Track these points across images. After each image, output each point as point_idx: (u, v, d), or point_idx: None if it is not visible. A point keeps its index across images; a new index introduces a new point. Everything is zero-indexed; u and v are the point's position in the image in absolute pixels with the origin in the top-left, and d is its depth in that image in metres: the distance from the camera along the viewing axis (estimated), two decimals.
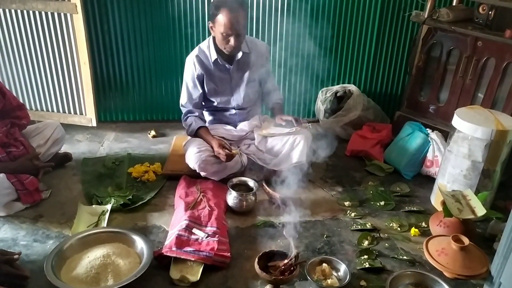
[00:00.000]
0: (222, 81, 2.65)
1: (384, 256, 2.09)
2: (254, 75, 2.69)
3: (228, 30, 2.39)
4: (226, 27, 2.39)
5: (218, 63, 2.60)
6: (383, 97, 3.47)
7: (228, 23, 2.37)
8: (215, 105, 2.75)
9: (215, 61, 2.59)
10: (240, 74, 2.66)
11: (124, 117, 3.39)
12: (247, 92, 2.70)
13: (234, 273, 1.95)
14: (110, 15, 3.02)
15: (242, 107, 2.73)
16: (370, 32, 3.25)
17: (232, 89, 2.69)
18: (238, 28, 2.40)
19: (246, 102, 2.72)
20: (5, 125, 2.41)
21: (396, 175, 2.81)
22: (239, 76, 2.67)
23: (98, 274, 1.80)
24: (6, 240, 2.10)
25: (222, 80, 2.65)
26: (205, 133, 2.62)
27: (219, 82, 2.66)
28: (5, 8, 2.84)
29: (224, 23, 2.38)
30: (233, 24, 2.38)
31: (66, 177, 2.64)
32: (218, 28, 2.42)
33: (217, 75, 2.63)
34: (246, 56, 2.62)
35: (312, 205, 2.46)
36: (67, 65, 3.03)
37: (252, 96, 2.73)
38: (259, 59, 2.67)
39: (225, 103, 2.73)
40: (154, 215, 2.33)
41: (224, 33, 2.41)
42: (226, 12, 2.36)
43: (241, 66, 2.64)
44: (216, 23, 2.42)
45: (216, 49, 2.56)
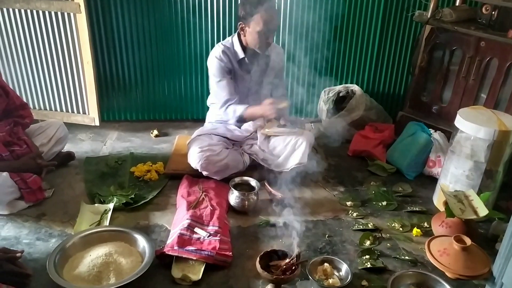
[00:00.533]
0: (242, 79, 2.68)
1: (386, 256, 2.08)
2: (271, 77, 2.74)
3: (270, 26, 2.45)
4: (268, 24, 2.43)
5: (244, 62, 2.63)
6: (385, 97, 3.47)
7: (268, 21, 2.43)
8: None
9: (241, 60, 2.61)
10: (259, 75, 2.70)
11: (127, 117, 3.40)
12: (263, 93, 2.73)
13: (235, 273, 1.95)
14: (113, 15, 3.03)
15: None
16: (373, 32, 3.24)
17: (249, 89, 2.71)
18: (276, 25, 2.51)
19: (257, 104, 2.72)
20: (9, 124, 2.42)
21: (398, 175, 2.80)
22: (259, 76, 2.70)
23: (100, 273, 1.80)
24: (9, 238, 2.10)
25: (242, 78, 2.68)
26: (253, 109, 2.60)
27: (239, 81, 2.68)
28: (9, 7, 2.85)
29: (265, 21, 2.42)
30: (273, 21, 2.45)
31: (69, 176, 2.65)
32: (255, 27, 2.45)
33: (238, 74, 2.66)
34: (267, 58, 2.66)
35: (314, 205, 2.46)
36: (71, 64, 3.03)
37: (263, 98, 2.73)
38: (277, 62, 2.72)
39: (241, 101, 2.72)
40: (156, 214, 2.34)
41: (262, 30, 2.44)
42: (266, 10, 2.41)
43: (262, 67, 2.67)
44: (253, 21, 2.44)
45: (243, 49, 2.59)
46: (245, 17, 2.47)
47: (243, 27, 2.50)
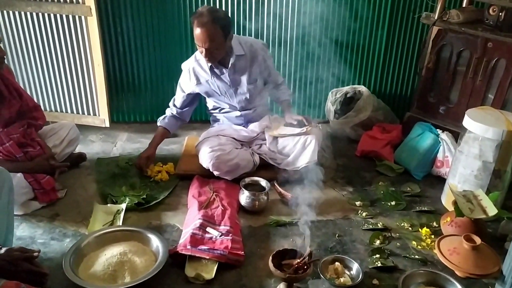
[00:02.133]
0: (221, 85, 2.69)
1: (396, 255, 2.11)
2: (254, 75, 2.71)
3: (198, 42, 2.43)
4: (196, 39, 2.42)
5: (214, 69, 2.63)
6: (393, 98, 3.49)
7: (196, 36, 2.41)
8: (220, 109, 2.81)
9: (210, 68, 2.62)
10: (238, 76, 2.68)
11: (136, 118, 3.44)
12: (248, 94, 2.72)
13: (248, 271, 1.98)
14: (123, 18, 3.07)
15: (246, 108, 2.76)
16: (380, 33, 3.26)
17: (232, 92, 2.72)
18: (205, 42, 2.39)
19: (249, 103, 2.75)
20: (22, 126, 2.45)
21: (406, 175, 2.82)
22: (238, 78, 2.68)
23: (115, 272, 1.83)
24: (24, 238, 2.14)
25: (222, 85, 2.69)
26: (157, 133, 2.84)
27: (219, 87, 2.69)
28: (21, 11, 2.89)
29: (195, 36, 2.41)
30: (200, 38, 2.39)
31: (81, 177, 2.68)
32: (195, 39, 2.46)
33: (215, 81, 2.67)
34: (242, 58, 2.64)
35: (324, 205, 2.48)
36: (81, 66, 3.08)
37: (254, 97, 2.75)
38: (255, 59, 2.68)
39: (228, 106, 2.77)
40: (168, 214, 2.37)
41: (197, 44, 2.44)
42: (195, 26, 2.39)
43: (238, 69, 2.66)
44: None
45: None
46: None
47: None
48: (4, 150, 2.30)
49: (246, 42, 2.68)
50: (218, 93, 2.72)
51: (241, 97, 2.73)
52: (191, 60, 2.69)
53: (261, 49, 2.71)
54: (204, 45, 2.40)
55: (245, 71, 2.67)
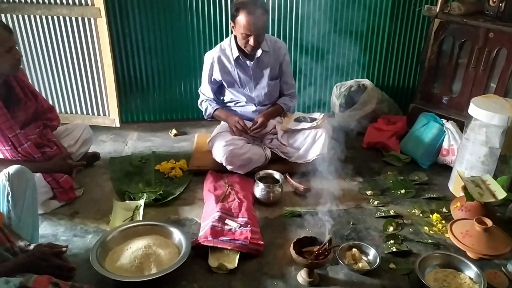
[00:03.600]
0: (243, 78, 2.75)
1: (410, 241, 2.18)
2: (274, 72, 2.78)
3: (247, 30, 2.48)
4: (245, 28, 2.47)
5: (239, 60, 2.69)
6: (396, 90, 3.56)
7: (247, 24, 2.46)
8: (236, 102, 2.84)
9: (236, 59, 2.68)
10: (260, 71, 2.75)
11: (145, 117, 3.49)
12: (267, 89, 2.79)
13: (268, 260, 2.04)
14: (131, 19, 3.12)
15: (263, 104, 2.82)
16: (382, 27, 3.34)
17: (252, 86, 2.78)
18: (257, 29, 2.49)
19: (267, 99, 2.81)
20: (38, 127, 2.49)
21: (413, 164, 2.90)
22: (260, 73, 2.75)
23: (142, 264, 1.89)
24: (47, 236, 2.19)
25: (244, 77, 2.75)
26: (220, 113, 2.79)
27: (240, 79, 2.75)
28: (31, 14, 2.94)
29: (244, 24, 2.47)
30: (252, 25, 2.46)
31: (96, 176, 2.73)
32: (238, 29, 2.51)
33: (238, 72, 2.73)
34: (266, 54, 2.71)
35: (336, 195, 2.53)
36: (91, 68, 3.13)
37: (272, 93, 2.82)
38: (278, 57, 2.76)
39: (246, 99, 2.82)
40: (185, 208, 2.43)
41: (243, 33, 2.50)
42: (245, 14, 2.45)
43: (261, 64, 2.73)
44: (237, 23, 2.51)
45: (238, 47, 2.66)
46: (232, 17, 2.54)
47: (233, 26, 2.57)
48: (23, 151, 2.34)
49: (271, 40, 2.75)
50: (238, 85, 2.77)
51: (260, 91, 2.79)
52: (216, 50, 2.72)
53: (284, 48, 2.81)
54: (255, 32, 2.48)
55: (268, 67, 2.74)
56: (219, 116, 2.82)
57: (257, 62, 2.71)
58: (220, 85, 2.82)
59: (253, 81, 2.76)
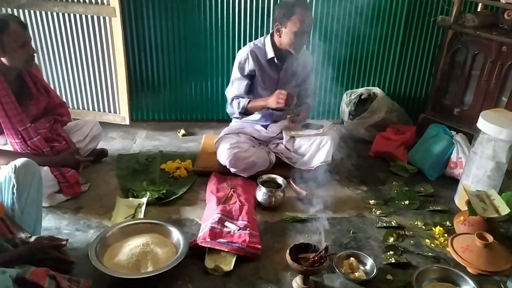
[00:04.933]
0: (270, 79, 2.76)
1: (409, 253, 2.16)
2: (300, 80, 2.82)
3: (304, 27, 2.53)
4: (302, 25, 2.51)
5: (273, 61, 2.71)
6: (407, 100, 3.53)
7: (305, 21, 2.52)
8: None
9: (270, 59, 2.70)
10: (287, 76, 2.77)
11: (155, 116, 3.53)
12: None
13: (265, 265, 2.04)
14: (145, 19, 3.16)
15: (281, 108, 2.81)
16: (396, 35, 3.32)
17: (276, 88, 2.76)
18: (310, 26, 2.61)
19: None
20: (49, 122, 2.54)
21: (420, 176, 2.87)
22: (287, 78, 2.78)
23: (139, 261, 1.91)
24: (50, 229, 2.23)
25: (270, 79, 2.76)
26: (255, 101, 2.73)
27: (267, 80, 2.76)
28: (48, 11, 3.01)
29: (301, 21, 2.50)
30: (308, 22, 2.54)
31: (103, 172, 2.77)
32: (291, 27, 2.52)
33: (267, 73, 2.74)
34: (296, 61, 2.73)
35: (338, 203, 2.54)
36: (104, 66, 3.18)
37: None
38: (305, 66, 2.80)
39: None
40: (187, 209, 2.45)
41: (298, 31, 2.52)
42: (302, 11, 2.50)
43: (290, 69, 2.76)
44: (290, 22, 2.52)
45: (274, 49, 2.67)
46: (282, 19, 2.55)
47: (280, 28, 2.59)
48: (32, 145, 2.39)
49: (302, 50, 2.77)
50: (262, 85, 2.78)
51: None
52: (250, 45, 2.73)
53: (310, 57, 2.86)
54: (309, 28, 2.60)
55: (295, 74, 2.78)
56: (255, 104, 2.73)
57: (287, 66, 2.74)
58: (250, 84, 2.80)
59: (278, 84, 2.78)
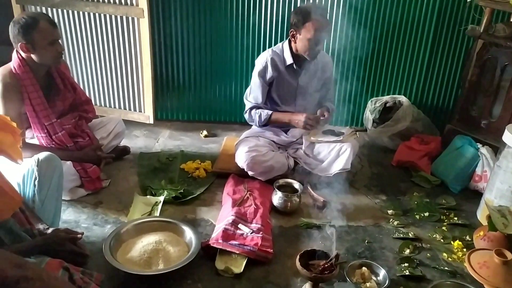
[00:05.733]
0: (289, 85, 2.76)
1: (425, 266, 2.11)
2: (319, 84, 2.81)
3: (318, 35, 2.52)
4: (316, 32, 2.51)
5: (291, 68, 2.71)
6: (433, 109, 3.45)
7: (318, 29, 2.51)
8: (275, 108, 2.83)
9: (289, 66, 2.70)
10: (306, 81, 2.77)
11: (179, 117, 3.58)
12: (309, 100, 2.81)
13: (275, 269, 2.04)
14: (173, 21, 3.22)
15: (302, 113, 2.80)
16: (424, 44, 3.25)
17: (296, 95, 2.79)
18: (325, 34, 2.60)
19: (305, 109, 2.80)
20: (74, 118, 2.62)
21: (442, 188, 2.80)
22: (306, 83, 2.77)
23: (150, 258, 1.94)
24: (70, 222, 2.29)
25: (290, 84, 2.76)
26: (278, 115, 2.76)
27: (286, 86, 2.77)
28: (80, 10, 3.10)
29: (315, 29, 2.51)
30: (323, 30, 2.53)
31: (124, 169, 2.83)
32: (306, 34, 2.53)
33: (286, 79, 2.74)
34: (315, 66, 2.74)
35: (355, 211, 2.51)
36: (131, 65, 3.25)
37: (313, 105, 2.83)
38: (325, 70, 2.79)
39: (286, 107, 2.82)
40: (203, 209, 2.47)
41: (312, 38, 2.52)
42: (317, 19, 2.51)
43: (309, 74, 2.75)
44: (304, 29, 2.53)
45: (292, 55, 2.68)
46: (297, 24, 2.56)
47: (294, 34, 2.59)
48: (57, 139, 2.47)
49: (320, 53, 2.76)
50: (280, 92, 2.78)
51: (301, 101, 2.81)
52: (268, 52, 2.74)
53: (331, 63, 2.85)
54: (322, 40, 2.60)
55: (314, 78, 2.77)
56: (278, 118, 2.75)
57: (306, 72, 2.73)
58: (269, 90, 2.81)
59: (298, 90, 2.78)
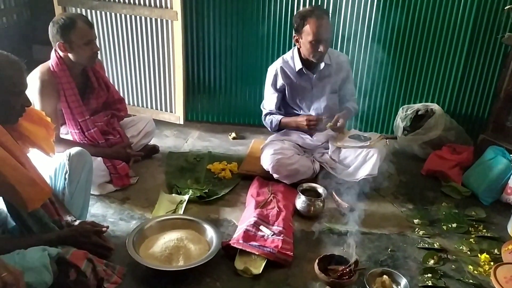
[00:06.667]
0: (304, 90, 2.76)
1: (449, 277, 2.05)
2: (335, 86, 2.77)
3: (318, 36, 2.51)
4: (315, 34, 2.50)
5: (302, 72, 2.71)
6: (467, 119, 3.35)
7: (317, 30, 2.50)
8: (294, 113, 2.86)
9: (299, 71, 2.70)
10: (321, 84, 2.75)
11: (209, 118, 3.63)
12: (327, 102, 2.78)
13: (294, 272, 2.03)
14: (206, 24, 3.27)
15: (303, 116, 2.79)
16: (459, 51, 3.17)
17: (312, 99, 2.78)
18: (327, 34, 2.54)
19: (326, 112, 2.79)
20: (107, 115, 2.71)
21: (472, 199, 2.72)
22: (321, 86, 2.76)
23: (171, 255, 1.97)
24: (97, 215, 2.37)
25: (304, 89, 2.76)
26: (286, 119, 2.80)
27: (301, 91, 2.77)
28: (117, 12, 3.21)
29: (313, 31, 2.50)
30: (322, 30, 2.51)
31: (152, 167, 2.90)
32: (306, 37, 2.54)
33: (299, 85, 2.75)
34: (328, 68, 2.71)
35: (380, 219, 2.47)
36: (164, 66, 3.33)
37: (331, 107, 2.80)
38: (340, 71, 2.75)
39: (304, 112, 2.83)
40: (226, 209, 2.49)
41: (313, 40, 2.52)
42: (314, 20, 2.49)
43: (323, 77, 2.73)
44: (304, 32, 2.54)
45: (301, 60, 2.68)
46: (298, 29, 2.57)
47: (298, 38, 2.60)
48: (89, 136, 2.56)
49: (333, 53, 2.77)
50: (298, 97, 2.80)
51: (319, 104, 2.79)
52: (278, 61, 2.78)
53: (346, 62, 2.81)
54: (325, 36, 2.53)
55: (329, 80, 2.75)
56: (287, 123, 2.80)
57: (319, 75, 2.72)
58: (283, 96, 2.85)
59: (313, 93, 2.77)
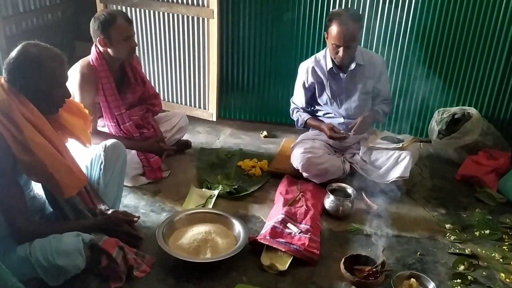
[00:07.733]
0: (333, 89, 2.75)
1: (479, 284, 2.00)
2: (368, 87, 2.74)
3: (336, 41, 2.50)
4: (335, 38, 2.49)
5: (333, 71, 2.70)
6: (506, 124, 3.24)
7: (337, 35, 2.48)
8: (325, 113, 2.86)
9: (330, 70, 2.70)
10: (352, 84, 2.73)
11: (241, 116, 3.66)
12: (358, 103, 2.76)
13: (320, 271, 2.03)
14: (241, 23, 3.30)
15: (351, 117, 2.78)
16: (499, 55, 3.06)
17: (343, 99, 2.77)
18: (346, 41, 2.48)
19: (356, 113, 2.77)
20: (142, 110, 2.78)
21: (508, 206, 2.63)
22: (352, 86, 2.73)
23: (199, 247, 2.02)
24: (130, 206, 2.45)
25: (334, 88, 2.75)
26: (312, 121, 2.83)
27: (331, 91, 2.76)
28: (156, 10, 3.30)
29: (334, 34, 2.49)
30: (341, 36, 2.47)
31: (184, 162, 2.96)
32: (330, 39, 2.54)
33: (330, 84, 2.74)
34: (360, 68, 2.68)
35: (410, 222, 2.43)
36: (198, 64, 3.39)
37: (362, 107, 2.78)
38: (373, 72, 2.72)
39: (334, 111, 2.82)
40: (255, 206, 2.52)
41: (333, 43, 2.52)
42: (337, 24, 2.47)
43: (354, 77, 2.71)
44: (329, 33, 2.54)
45: (332, 59, 2.68)
46: (326, 28, 2.57)
47: (327, 37, 2.59)
48: (124, 129, 2.64)
49: (367, 54, 2.75)
50: (329, 96, 2.79)
51: (350, 104, 2.78)
52: (310, 60, 2.79)
53: (380, 64, 2.76)
54: (344, 43, 2.49)
55: (361, 81, 2.72)
56: (312, 124, 2.85)
57: (350, 75, 2.70)
58: (313, 94, 2.86)
59: (344, 93, 2.75)
